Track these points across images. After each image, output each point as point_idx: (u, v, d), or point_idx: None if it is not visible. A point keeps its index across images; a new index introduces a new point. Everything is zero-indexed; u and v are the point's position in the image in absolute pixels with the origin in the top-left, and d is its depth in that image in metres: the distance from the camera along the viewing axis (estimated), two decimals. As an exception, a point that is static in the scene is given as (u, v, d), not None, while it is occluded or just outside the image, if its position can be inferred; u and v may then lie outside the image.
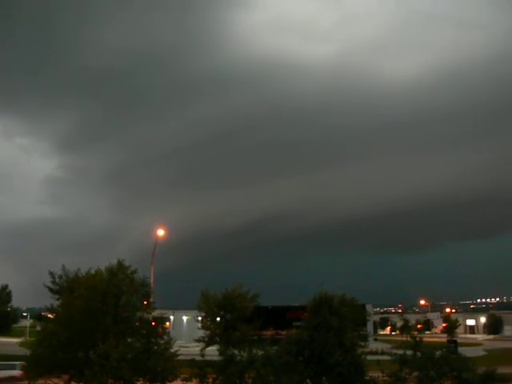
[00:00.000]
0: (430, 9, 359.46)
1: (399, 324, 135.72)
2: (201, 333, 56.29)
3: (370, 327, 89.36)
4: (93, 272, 32.42)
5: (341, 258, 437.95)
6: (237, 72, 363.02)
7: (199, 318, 58.63)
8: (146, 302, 32.89)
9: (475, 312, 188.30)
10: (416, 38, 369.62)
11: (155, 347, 29.55)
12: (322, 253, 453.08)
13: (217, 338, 53.79)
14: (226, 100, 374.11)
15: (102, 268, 31.94)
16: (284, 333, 46.00)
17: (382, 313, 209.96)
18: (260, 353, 28.58)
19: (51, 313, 35.74)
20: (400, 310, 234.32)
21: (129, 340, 29.76)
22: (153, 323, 32.45)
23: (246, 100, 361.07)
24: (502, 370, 32.07)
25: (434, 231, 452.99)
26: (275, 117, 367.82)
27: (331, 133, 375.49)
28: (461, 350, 48.21)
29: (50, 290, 38.90)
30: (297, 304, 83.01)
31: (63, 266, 38.58)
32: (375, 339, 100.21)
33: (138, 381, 27.88)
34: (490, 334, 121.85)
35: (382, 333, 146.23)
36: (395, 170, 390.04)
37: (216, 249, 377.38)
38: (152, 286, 37.39)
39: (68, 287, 34.58)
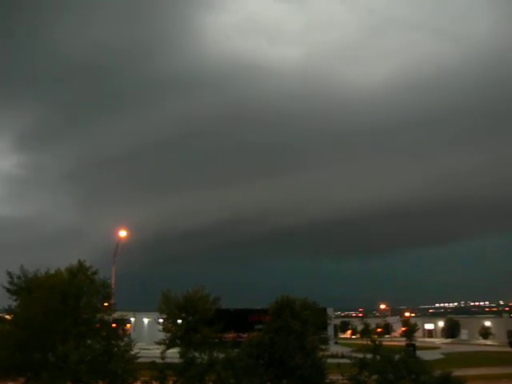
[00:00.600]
0: (400, 16, 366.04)
1: (360, 328, 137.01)
2: (162, 335, 55.94)
3: (330, 331, 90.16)
4: (52, 272, 31.90)
5: (303, 262, 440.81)
6: (204, 73, 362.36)
7: (160, 320, 58.26)
8: (106, 304, 32.53)
9: (434, 316, 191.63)
10: (384, 46, 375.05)
11: (115, 349, 29.23)
12: (285, 257, 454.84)
13: (178, 340, 53.51)
14: (193, 101, 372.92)
15: (62, 268, 31.50)
16: (245, 336, 46.06)
17: (343, 316, 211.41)
18: (221, 356, 28.54)
19: (9, 314, 35.02)
20: (360, 314, 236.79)
21: (88, 342, 29.39)
22: (113, 325, 32.08)
23: (212, 101, 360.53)
24: (459, 372, 32.69)
25: (395, 237, 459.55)
26: (242, 119, 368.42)
27: (297, 137, 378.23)
28: (419, 353, 48.85)
29: (8, 290, 38.10)
30: (259, 307, 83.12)
31: (22, 265, 37.85)
32: (336, 342, 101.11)
33: (97, 383, 27.54)
34: (447, 337, 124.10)
35: (342, 336, 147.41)
36: (358, 176, 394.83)
37: (180, 249, 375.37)
38: (113, 287, 37.00)
39: (26, 287, 33.91)
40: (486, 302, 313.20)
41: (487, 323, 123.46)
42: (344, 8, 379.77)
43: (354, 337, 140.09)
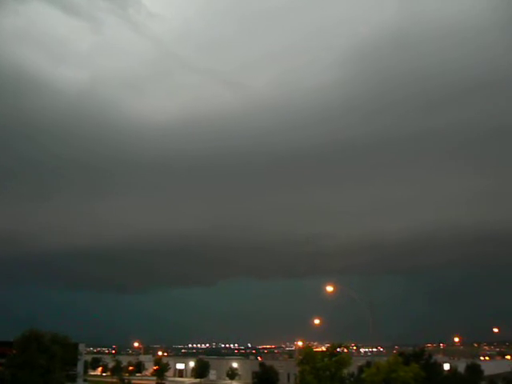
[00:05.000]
0: (191, 59, 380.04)
1: (111, 365, 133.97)
2: None
3: (80, 367, 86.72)
4: None
5: (57, 294, 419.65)
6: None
7: None
8: None
9: (186, 356, 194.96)
10: (167, 83, 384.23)
11: None
12: (34, 286, 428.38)
13: None
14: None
15: None
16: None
17: (96, 353, 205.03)
18: None
19: None
20: (113, 351, 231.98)
21: None
22: None
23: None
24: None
25: (154, 275, 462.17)
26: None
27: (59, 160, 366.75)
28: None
29: None
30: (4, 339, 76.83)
31: None
32: (85, 380, 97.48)
33: None
34: (197, 377, 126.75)
35: (93, 373, 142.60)
36: (124, 209, 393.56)
37: None
38: None
39: None
40: (236, 345, 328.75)
41: (234, 364, 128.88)
42: (135, 37, 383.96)
43: (104, 374, 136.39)
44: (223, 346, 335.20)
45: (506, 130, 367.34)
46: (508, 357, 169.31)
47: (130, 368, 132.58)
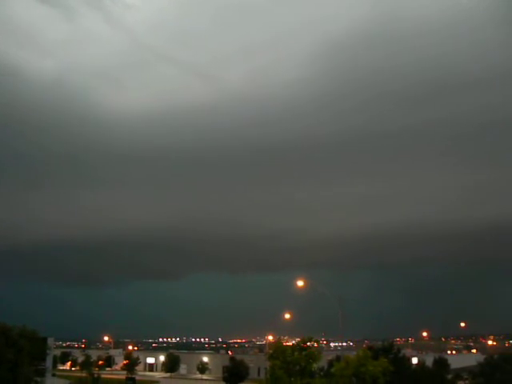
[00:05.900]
0: (165, 51, 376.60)
1: (80, 359, 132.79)
2: None
3: (49, 362, 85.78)
4: None
5: (25, 287, 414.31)
6: None
7: None
8: None
9: (156, 350, 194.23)
10: (141, 74, 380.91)
11: None
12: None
13: None
14: None
15: None
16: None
17: (65, 347, 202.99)
18: None
19: None
20: (83, 345, 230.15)
21: None
22: None
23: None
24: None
25: (123, 269, 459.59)
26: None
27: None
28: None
29: None
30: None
31: None
32: (53, 375, 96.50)
33: None
34: (167, 371, 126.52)
35: (62, 368, 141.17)
36: (94, 202, 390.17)
37: None
38: None
39: None
40: (206, 339, 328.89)
41: (205, 359, 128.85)
42: (110, 28, 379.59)
43: (73, 369, 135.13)
44: (194, 340, 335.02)
45: (490, 128, 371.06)
46: (474, 351, 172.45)
47: (100, 362, 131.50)
